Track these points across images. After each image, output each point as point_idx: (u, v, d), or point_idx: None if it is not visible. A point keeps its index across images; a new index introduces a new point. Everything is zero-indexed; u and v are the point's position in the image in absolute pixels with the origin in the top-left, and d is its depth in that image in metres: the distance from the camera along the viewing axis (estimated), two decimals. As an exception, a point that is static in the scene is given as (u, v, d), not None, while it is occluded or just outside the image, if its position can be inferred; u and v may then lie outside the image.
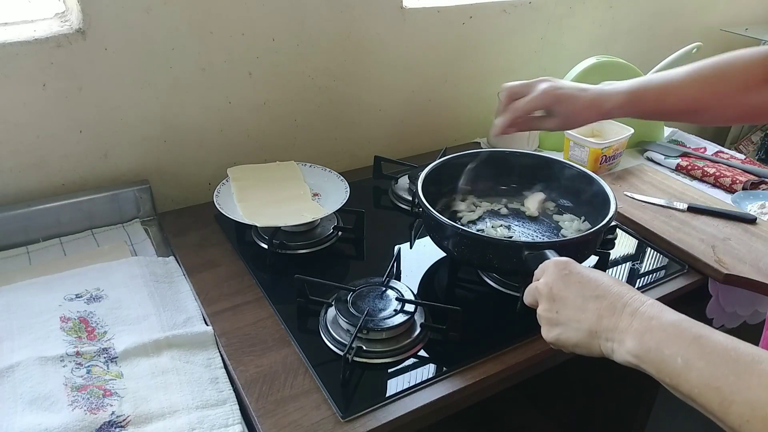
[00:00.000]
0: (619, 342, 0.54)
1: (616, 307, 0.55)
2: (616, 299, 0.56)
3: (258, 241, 0.97)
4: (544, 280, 0.62)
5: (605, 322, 0.55)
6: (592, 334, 0.56)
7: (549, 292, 0.60)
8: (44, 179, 0.99)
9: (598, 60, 1.30)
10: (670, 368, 0.49)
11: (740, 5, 1.85)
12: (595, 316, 0.56)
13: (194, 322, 0.81)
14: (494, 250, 0.81)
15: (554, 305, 0.59)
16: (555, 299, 0.59)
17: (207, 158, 1.12)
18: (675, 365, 0.49)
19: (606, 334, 0.55)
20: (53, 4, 0.96)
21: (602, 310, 0.56)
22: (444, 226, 0.82)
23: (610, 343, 0.55)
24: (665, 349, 0.50)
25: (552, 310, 0.59)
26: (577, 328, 0.57)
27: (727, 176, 1.21)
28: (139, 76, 0.99)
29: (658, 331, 0.51)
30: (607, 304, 0.56)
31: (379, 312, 0.78)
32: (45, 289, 0.83)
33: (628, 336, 0.53)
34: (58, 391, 0.67)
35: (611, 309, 0.55)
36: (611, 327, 0.54)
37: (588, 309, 0.57)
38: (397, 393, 0.70)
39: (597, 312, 0.56)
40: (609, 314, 0.55)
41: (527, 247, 0.76)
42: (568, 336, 0.58)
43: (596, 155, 1.19)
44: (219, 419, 0.66)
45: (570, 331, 0.58)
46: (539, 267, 0.65)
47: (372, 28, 1.18)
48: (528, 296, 0.64)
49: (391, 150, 1.30)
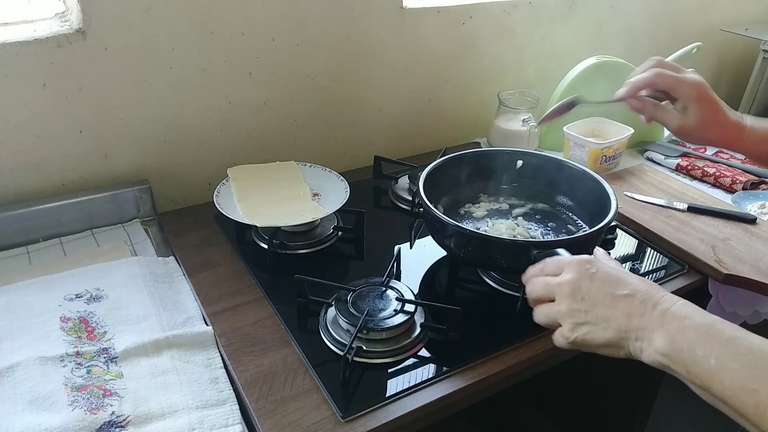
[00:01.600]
0: (648, 341, 0.53)
1: (647, 305, 0.54)
2: (646, 298, 0.55)
3: (258, 241, 0.97)
4: (567, 277, 0.60)
5: (635, 321, 0.54)
6: (621, 333, 0.55)
7: (575, 291, 0.58)
8: (44, 179, 0.99)
9: (598, 60, 1.30)
10: (702, 369, 0.48)
11: (740, 5, 1.85)
12: (624, 314, 0.55)
13: (194, 322, 0.81)
14: (502, 251, 0.81)
15: (582, 304, 0.58)
16: (583, 298, 0.58)
17: (207, 158, 1.12)
18: (708, 366, 0.48)
19: (636, 333, 0.54)
20: (53, 4, 0.96)
21: (632, 308, 0.55)
22: (449, 226, 0.82)
23: (639, 343, 0.54)
24: (698, 350, 0.49)
25: (580, 310, 0.58)
26: (606, 327, 0.56)
27: (727, 176, 1.21)
28: (139, 76, 0.99)
29: (690, 331, 0.50)
30: (638, 303, 0.55)
31: (379, 312, 0.78)
32: (45, 289, 0.83)
33: (658, 335, 0.52)
34: (58, 391, 0.67)
35: (642, 307, 0.54)
36: (642, 326, 0.54)
37: (618, 307, 0.56)
38: (397, 393, 0.70)
39: (627, 311, 0.55)
40: (640, 313, 0.54)
41: (536, 247, 0.76)
42: (595, 336, 0.57)
43: (596, 155, 1.19)
44: (219, 419, 0.66)
45: (598, 330, 0.56)
46: (548, 264, 0.63)
47: (372, 28, 1.18)
48: (538, 291, 0.62)
49: (391, 150, 1.30)
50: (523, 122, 1.28)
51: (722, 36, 1.80)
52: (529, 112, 1.29)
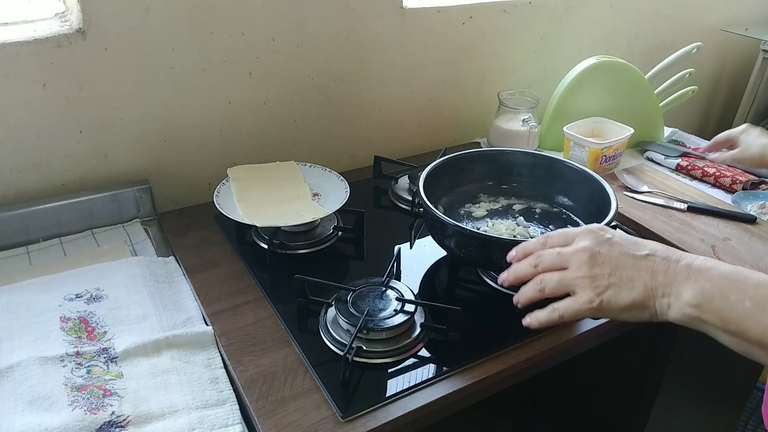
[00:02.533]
0: (676, 296, 0.53)
1: (670, 261, 0.55)
2: (668, 255, 0.56)
3: (258, 241, 0.97)
4: (583, 244, 0.60)
5: (660, 277, 0.55)
6: (647, 290, 0.55)
7: (594, 256, 0.58)
8: (44, 179, 0.99)
9: (598, 60, 1.30)
10: (737, 313, 0.49)
11: (740, 5, 1.85)
12: (649, 273, 0.56)
13: (194, 322, 0.81)
14: (502, 251, 0.80)
15: (604, 268, 0.58)
16: (605, 261, 0.58)
17: (207, 158, 1.12)
18: (744, 309, 0.48)
19: (663, 290, 0.54)
20: (53, 4, 0.96)
21: (656, 266, 0.55)
22: (449, 226, 0.82)
23: (666, 299, 0.54)
24: (730, 295, 0.49)
25: (603, 273, 0.58)
26: (632, 287, 0.56)
27: (727, 176, 1.21)
28: (139, 76, 0.99)
29: (719, 279, 0.51)
30: (660, 260, 0.56)
31: (379, 312, 0.78)
32: (45, 289, 0.83)
33: (686, 288, 0.53)
34: (58, 391, 0.67)
35: (665, 263, 0.55)
36: (668, 282, 0.54)
37: (641, 267, 0.56)
38: (397, 393, 0.70)
39: (651, 269, 0.56)
40: (664, 269, 0.55)
41: None
42: (620, 297, 0.57)
43: (596, 155, 1.19)
44: (219, 419, 0.66)
45: (623, 291, 0.57)
46: (557, 234, 0.63)
47: (372, 28, 1.18)
48: (548, 262, 0.62)
49: (391, 150, 1.30)
50: (523, 122, 1.28)
51: (722, 36, 1.80)
52: (529, 112, 1.29)
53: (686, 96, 1.43)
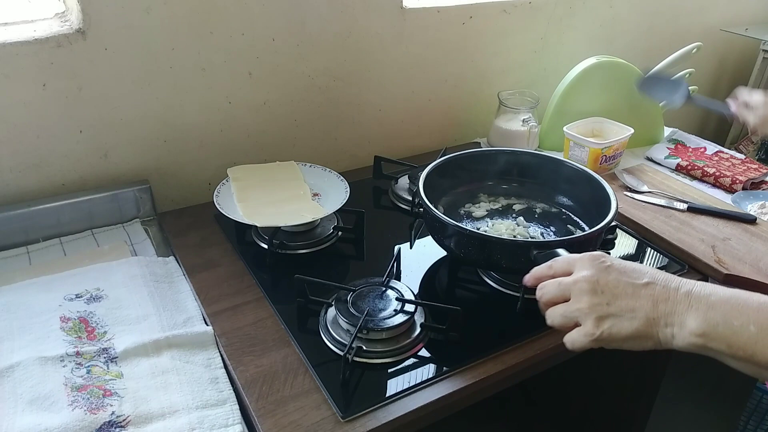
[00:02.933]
0: (680, 325, 0.52)
1: (669, 289, 0.54)
2: (667, 282, 0.55)
3: (258, 241, 0.97)
4: (582, 273, 0.59)
5: (662, 306, 0.54)
6: (649, 321, 0.54)
7: (594, 286, 0.57)
8: (44, 179, 0.99)
9: (598, 60, 1.30)
10: (743, 339, 0.48)
11: (740, 5, 1.85)
12: (650, 302, 0.54)
13: (194, 322, 0.81)
14: (502, 251, 0.81)
15: (603, 297, 0.57)
16: (603, 291, 0.57)
17: (207, 158, 1.12)
18: (749, 334, 0.48)
19: (665, 319, 0.53)
20: (53, 4, 0.96)
21: (656, 294, 0.54)
22: (449, 226, 0.82)
23: (669, 329, 0.53)
24: (734, 321, 0.49)
25: (602, 303, 0.57)
26: (632, 317, 0.55)
27: (727, 176, 1.21)
28: (139, 76, 0.99)
29: (720, 305, 0.50)
30: (660, 289, 0.54)
31: (379, 312, 0.78)
32: (45, 289, 0.83)
33: (689, 316, 0.52)
34: (58, 391, 0.67)
35: (665, 292, 0.54)
36: (669, 311, 0.53)
37: (641, 296, 0.55)
38: (397, 393, 0.70)
39: (651, 298, 0.54)
40: (664, 298, 0.54)
41: (536, 247, 0.76)
42: (621, 327, 0.56)
43: (596, 155, 1.19)
44: (219, 419, 0.66)
45: (624, 321, 0.55)
46: (558, 263, 0.62)
47: (372, 28, 1.18)
48: (551, 292, 0.61)
49: (391, 150, 1.30)
50: (523, 122, 1.28)
51: (722, 36, 1.80)
52: (529, 112, 1.29)
53: (686, 96, 1.43)
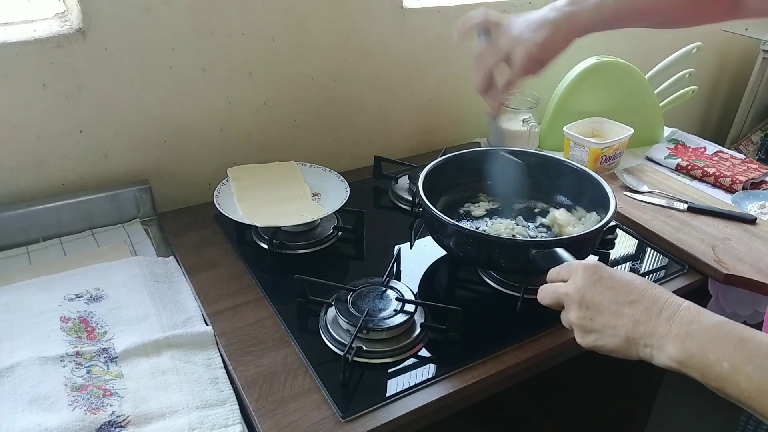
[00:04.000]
0: (658, 348, 0.53)
1: (652, 311, 0.54)
2: (651, 303, 0.54)
3: (258, 241, 0.97)
4: (573, 285, 0.60)
5: (642, 328, 0.54)
6: (629, 340, 0.55)
7: (581, 299, 0.58)
8: (44, 179, 0.99)
9: (598, 60, 1.30)
10: (716, 373, 0.48)
11: (740, 5, 1.85)
12: (631, 322, 0.55)
13: (194, 322, 0.81)
14: (501, 250, 0.81)
15: (588, 312, 0.58)
16: (588, 306, 0.58)
17: (207, 158, 1.12)
18: (721, 370, 0.48)
19: (644, 340, 0.54)
20: (53, 4, 0.96)
21: (638, 315, 0.54)
22: (448, 226, 0.82)
23: (648, 349, 0.54)
24: (709, 354, 0.49)
25: (586, 318, 0.58)
26: (613, 335, 0.56)
27: (727, 176, 1.21)
28: (139, 76, 0.99)
29: (699, 335, 0.50)
30: (643, 309, 0.54)
31: (379, 312, 0.78)
32: (45, 289, 0.83)
33: (668, 342, 0.52)
34: (58, 391, 0.67)
35: (647, 314, 0.54)
36: (649, 333, 0.53)
37: (623, 315, 0.55)
38: (397, 393, 0.70)
39: (633, 318, 0.55)
40: (646, 320, 0.54)
41: (535, 246, 0.76)
42: (604, 342, 0.57)
43: (596, 155, 1.19)
44: (219, 419, 0.66)
45: (606, 337, 0.57)
46: (563, 268, 0.63)
47: (372, 28, 1.18)
48: (548, 297, 0.63)
49: (391, 150, 1.30)
50: (523, 122, 1.28)
51: (722, 36, 1.80)
52: (529, 112, 1.29)
53: (686, 96, 1.43)
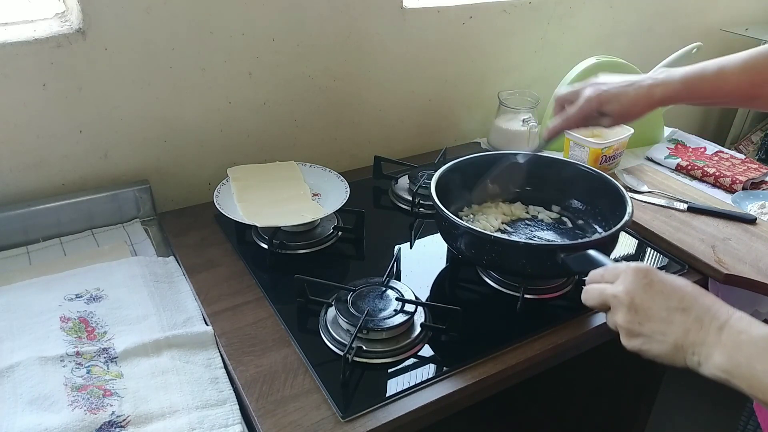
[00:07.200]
0: (706, 357, 0.52)
1: (703, 320, 0.54)
2: (703, 312, 0.54)
3: (258, 241, 0.97)
4: (623, 287, 0.58)
5: (692, 336, 0.54)
6: (677, 347, 0.55)
7: (630, 302, 0.57)
8: (44, 179, 0.99)
9: (598, 60, 1.30)
10: (763, 384, 0.48)
11: (740, 5, 1.85)
12: (681, 329, 0.54)
13: (194, 322, 0.81)
14: (528, 256, 0.80)
15: (636, 316, 0.57)
16: (638, 310, 0.57)
17: (207, 158, 1.12)
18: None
19: (693, 348, 0.54)
20: (53, 4, 0.96)
21: (689, 323, 0.54)
22: (469, 233, 0.82)
23: (696, 357, 0.53)
24: (757, 365, 0.49)
25: (634, 322, 0.57)
26: (662, 341, 0.55)
27: (727, 176, 1.21)
28: (139, 76, 0.99)
29: (748, 345, 0.50)
30: (694, 318, 0.54)
31: (379, 312, 0.78)
32: (45, 289, 0.83)
33: (716, 351, 0.52)
34: (58, 391, 0.67)
35: (698, 323, 0.54)
36: (698, 341, 0.53)
37: (674, 322, 0.55)
38: (397, 393, 0.70)
39: (683, 325, 0.54)
40: (696, 328, 0.54)
41: (563, 250, 0.76)
42: (650, 347, 0.56)
43: (596, 155, 1.19)
44: (219, 419, 0.66)
45: (653, 343, 0.56)
46: (608, 270, 0.62)
47: (372, 28, 1.18)
48: (594, 299, 0.62)
49: (391, 150, 1.30)
50: (523, 122, 1.28)
51: (722, 36, 1.80)
52: (529, 112, 1.29)
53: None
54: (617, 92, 0.83)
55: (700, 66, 0.82)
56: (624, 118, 0.84)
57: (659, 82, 0.81)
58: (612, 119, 0.84)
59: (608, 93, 0.83)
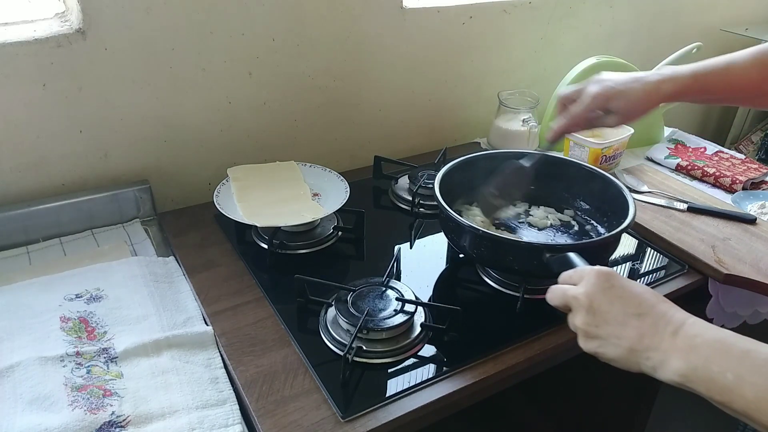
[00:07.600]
0: (661, 362, 0.53)
1: (658, 326, 0.54)
2: (658, 317, 0.54)
3: (258, 241, 0.97)
4: (583, 289, 0.59)
5: (647, 341, 0.54)
6: (632, 352, 0.55)
7: (589, 305, 0.58)
8: (44, 179, 0.99)
9: (598, 60, 1.30)
10: (720, 385, 0.48)
11: (740, 5, 1.85)
12: (636, 334, 0.55)
13: (194, 322, 0.81)
14: (515, 252, 0.80)
15: (594, 319, 0.57)
16: (595, 313, 0.57)
17: (207, 158, 1.12)
18: (725, 382, 0.48)
19: (647, 353, 0.54)
20: (53, 4, 0.96)
21: (644, 328, 0.54)
22: (463, 227, 0.82)
23: (650, 363, 0.54)
24: (713, 366, 0.49)
25: (591, 324, 0.57)
26: (617, 345, 0.56)
27: (727, 176, 1.21)
28: (139, 76, 0.99)
29: (703, 348, 0.50)
30: (650, 323, 0.54)
31: (379, 312, 0.78)
32: (45, 289, 0.83)
33: (672, 356, 0.52)
34: (58, 391, 0.67)
35: (653, 328, 0.54)
36: (653, 346, 0.53)
37: (629, 326, 0.55)
38: (397, 393, 0.70)
39: (638, 330, 0.55)
40: (651, 333, 0.54)
41: (548, 250, 0.76)
42: (606, 351, 0.57)
43: (596, 155, 1.19)
44: (219, 419, 0.66)
45: (609, 346, 0.56)
46: (576, 272, 0.62)
47: (372, 28, 1.18)
48: (557, 299, 0.62)
49: (391, 150, 1.29)
50: (523, 122, 1.28)
51: (722, 36, 1.80)
52: (529, 112, 1.29)
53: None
54: (624, 88, 0.81)
55: (708, 61, 0.80)
56: (630, 115, 0.83)
57: (667, 78, 0.80)
58: (618, 117, 0.83)
59: (614, 89, 0.81)
